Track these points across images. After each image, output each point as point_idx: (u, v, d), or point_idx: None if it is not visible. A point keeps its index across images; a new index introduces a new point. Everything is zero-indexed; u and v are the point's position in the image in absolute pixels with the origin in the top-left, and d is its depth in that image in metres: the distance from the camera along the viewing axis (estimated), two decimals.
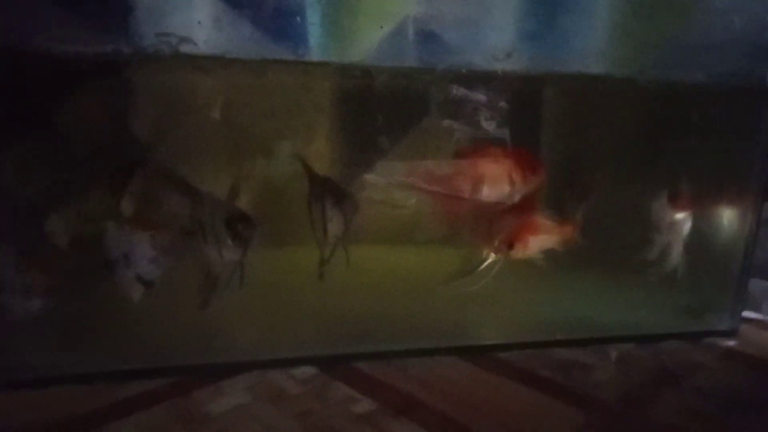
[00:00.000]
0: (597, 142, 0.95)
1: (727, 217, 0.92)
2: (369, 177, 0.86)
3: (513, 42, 0.83)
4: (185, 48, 0.72)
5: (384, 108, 0.89)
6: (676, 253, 0.89)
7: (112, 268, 0.75)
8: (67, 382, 0.69)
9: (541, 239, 0.84)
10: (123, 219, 0.78)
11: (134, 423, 0.62)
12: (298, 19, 0.78)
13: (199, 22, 0.74)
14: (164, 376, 0.71)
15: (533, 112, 0.96)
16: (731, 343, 0.85)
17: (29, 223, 0.83)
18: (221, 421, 0.63)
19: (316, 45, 0.79)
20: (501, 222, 0.84)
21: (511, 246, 0.81)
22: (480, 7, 0.82)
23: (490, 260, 0.79)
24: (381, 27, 0.82)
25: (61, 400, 0.66)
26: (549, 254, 0.84)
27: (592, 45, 0.83)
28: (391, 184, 0.91)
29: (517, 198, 0.83)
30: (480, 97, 0.94)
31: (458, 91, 0.93)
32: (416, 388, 0.70)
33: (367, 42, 0.81)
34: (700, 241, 0.88)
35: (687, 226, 0.90)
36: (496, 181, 0.84)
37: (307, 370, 0.73)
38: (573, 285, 0.86)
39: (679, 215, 0.89)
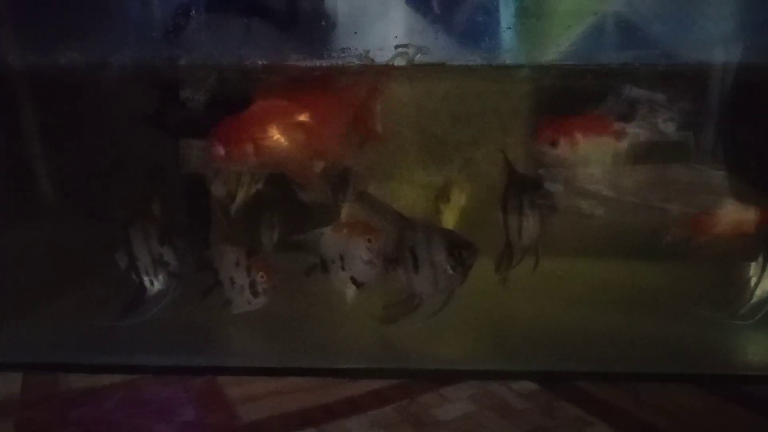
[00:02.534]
0: None
1: None
2: (547, 184, 0.82)
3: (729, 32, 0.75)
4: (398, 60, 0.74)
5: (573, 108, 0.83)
6: None
7: (327, 268, 0.79)
8: (298, 374, 0.73)
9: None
10: (340, 223, 0.82)
11: (369, 420, 0.64)
12: (494, 23, 0.77)
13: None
14: (386, 377, 0.73)
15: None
16: None
17: (253, 227, 0.91)
18: (452, 426, 0.63)
19: (512, 48, 0.78)
20: None
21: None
22: None
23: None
24: (569, 26, 0.78)
25: (299, 389, 0.70)
26: None
27: None
28: (572, 192, 0.86)
29: None
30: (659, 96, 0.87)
31: (634, 90, 0.86)
32: (654, 416, 0.65)
33: (564, 41, 0.78)
34: None
35: None
36: None
37: (528, 386, 0.71)
38: None
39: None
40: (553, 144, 0.76)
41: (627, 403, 0.67)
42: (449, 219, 0.97)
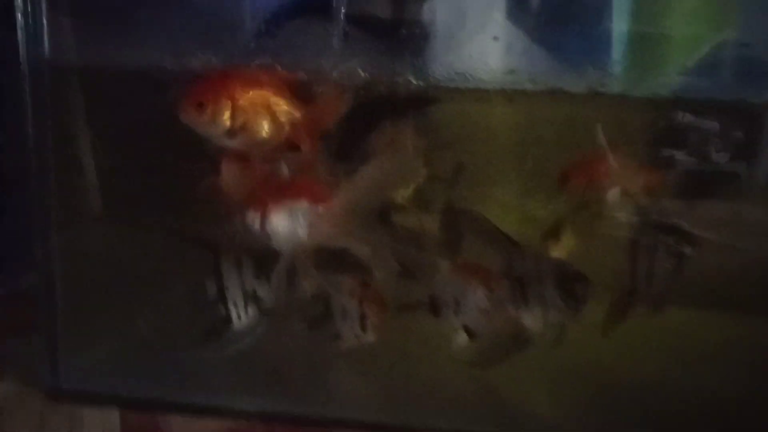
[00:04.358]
0: None
1: None
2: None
3: None
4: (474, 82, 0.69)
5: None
6: None
7: (437, 311, 0.73)
8: None
9: None
10: (458, 264, 0.74)
11: None
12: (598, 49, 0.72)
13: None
14: None
15: None
16: None
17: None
18: None
19: (616, 76, 0.72)
20: None
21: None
22: None
23: None
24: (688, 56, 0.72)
25: None
26: None
27: None
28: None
29: None
30: None
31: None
32: None
33: (675, 73, 0.72)
34: None
35: None
36: None
37: None
38: None
39: None
40: (200, 107, 0.60)
41: None
42: None
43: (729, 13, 0.73)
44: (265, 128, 0.62)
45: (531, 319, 0.68)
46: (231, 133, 0.60)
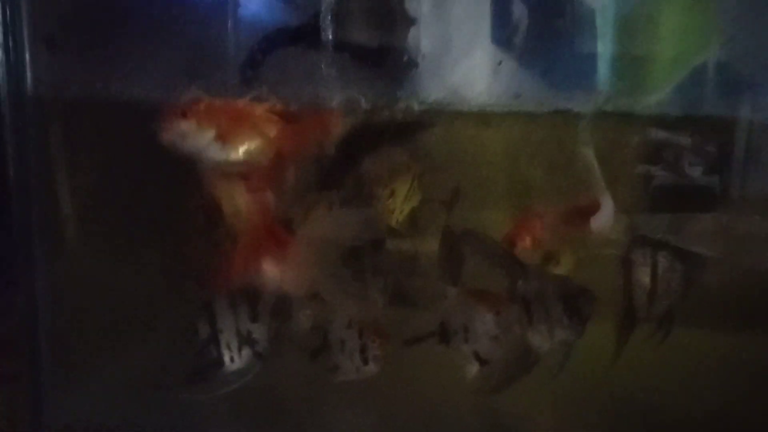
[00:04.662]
0: None
1: None
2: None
3: None
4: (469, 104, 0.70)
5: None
6: None
7: (447, 339, 0.70)
8: None
9: None
10: (465, 290, 0.71)
11: None
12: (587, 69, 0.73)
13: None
14: None
15: None
16: None
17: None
18: None
19: (605, 95, 0.73)
20: None
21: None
22: None
23: None
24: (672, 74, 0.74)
25: None
26: None
27: None
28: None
29: None
30: None
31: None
32: None
33: (662, 90, 0.73)
34: None
35: None
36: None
37: None
38: None
39: None
40: (183, 116, 0.59)
41: None
42: None
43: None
44: (252, 137, 0.60)
45: (537, 339, 0.67)
46: (218, 138, 0.58)
